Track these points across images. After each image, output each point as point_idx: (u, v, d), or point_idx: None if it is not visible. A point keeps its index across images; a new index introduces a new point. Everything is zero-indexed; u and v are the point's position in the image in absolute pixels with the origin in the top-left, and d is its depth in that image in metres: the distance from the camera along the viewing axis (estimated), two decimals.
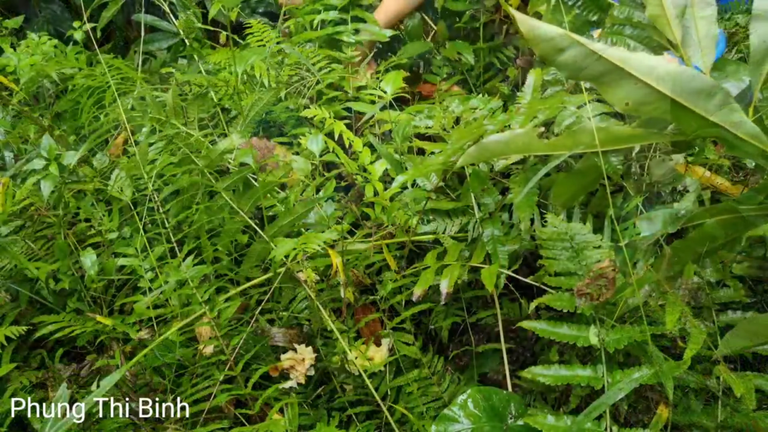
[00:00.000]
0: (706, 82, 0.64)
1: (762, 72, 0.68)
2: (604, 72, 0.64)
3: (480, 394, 0.95)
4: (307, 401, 1.27)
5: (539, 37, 0.63)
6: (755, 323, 0.93)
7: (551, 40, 0.63)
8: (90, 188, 1.47)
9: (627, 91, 0.65)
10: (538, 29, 0.62)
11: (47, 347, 1.37)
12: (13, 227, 1.51)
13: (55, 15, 2.76)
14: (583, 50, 0.63)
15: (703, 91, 0.64)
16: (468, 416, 0.93)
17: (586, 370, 0.94)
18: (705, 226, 0.83)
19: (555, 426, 0.87)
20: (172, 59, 2.23)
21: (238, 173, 1.41)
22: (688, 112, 0.65)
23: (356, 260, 1.39)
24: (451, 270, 1.19)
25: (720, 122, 0.65)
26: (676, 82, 0.64)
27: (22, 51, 1.78)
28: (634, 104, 0.66)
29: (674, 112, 0.66)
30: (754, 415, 0.93)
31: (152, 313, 1.26)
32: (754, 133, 0.65)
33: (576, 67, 0.64)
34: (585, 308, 1.02)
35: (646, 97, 0.65)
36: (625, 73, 0.64)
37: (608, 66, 0.64)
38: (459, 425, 0.92)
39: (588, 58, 0.63)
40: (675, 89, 0.64)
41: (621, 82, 0.65)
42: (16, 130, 1.74)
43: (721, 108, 0.64)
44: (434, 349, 1.37)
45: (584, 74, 0.65)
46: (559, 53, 0.63)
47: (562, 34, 0.62)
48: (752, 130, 0.65)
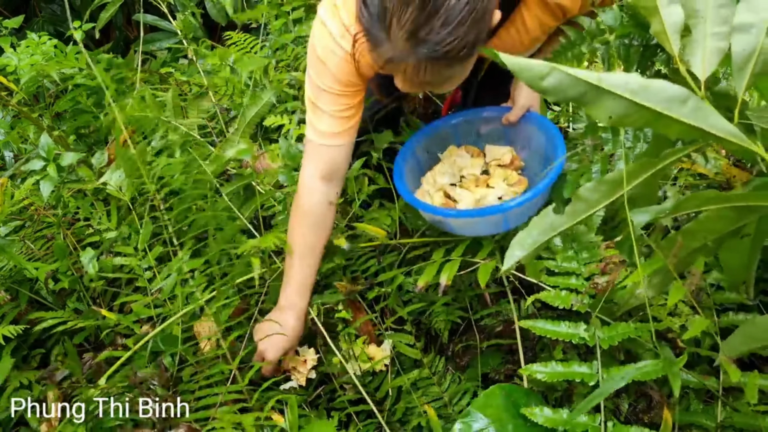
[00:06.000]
0: (676, 89, 0.71)
1: (744, 76, 0.75)
2: (584, 92, 0.71)
3: (501, 391, 0.97)
4: (307, 401, 1.27)
5: (521, 68, 0.71)
6: (755, 326, 0.94)
7: (531, 69, 0.71)
8: (89, 188, 1.46)
9: (607, 106, 0.72)
10: (521, 62, 0.71)
11: (46, 347, 1.37)
12: (13, 227, 1.51)
13: (55, 15, 2.76)
14: (561, 75, 0.71)
15: (676, 98, 0.71)
16: (489, 413, 0.94)
17: (582, 367, 0.95)
18: (708, 213, 0.85)
19: (552, 419, 0.90)
20: (172, 59, 2.23)
21: (242, 179, 1.42)
22: (667, 118, 0.72)
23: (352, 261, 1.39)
24: (450, 265, 1.19)
25: (698, 125, 0.72)
26: (650, 92, 0.71)
27: (22, 51, 1.78)
28: (617, 117, 0.73)
29: (656, 121, 0.72)
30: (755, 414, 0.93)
31: (152, 312, 1.26)
32: (732, 133, 0.72)
33: (559, 90, 0.72)
34: (580, 306, 1.03)
35: (625, 109, 0.72)
36: (603, 91, 0.71)
37: (586, 87, 0.71)
38: (482, 422, 0.93)
39: (567, 81, 0.71)
40: (650, 99, 0.71)
41: (601, 99, 0.72)
42: (15, 130, 1.74)
43: (696, 112, 0.71)
44: (435, 349, 1.38)
45: (567, 96, 0.72)
46: (541, 80, 0.71)
47: (540, 63, 0.70)
48: (731, 129, 0.72)
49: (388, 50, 0.88)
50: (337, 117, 1.15)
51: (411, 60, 0.88)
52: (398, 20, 0.84)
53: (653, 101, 0.71)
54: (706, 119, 0.71)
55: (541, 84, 0.71)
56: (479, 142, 1.42)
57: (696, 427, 1.01)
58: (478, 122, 1.40)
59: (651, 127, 0.74)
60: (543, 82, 0.71)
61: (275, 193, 1.45)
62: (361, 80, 1.13)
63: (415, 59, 0.88)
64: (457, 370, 1.33)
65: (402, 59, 0.88)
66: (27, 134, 1.75)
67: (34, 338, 1.36)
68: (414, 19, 0.83)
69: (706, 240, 0.89)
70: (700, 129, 0.72)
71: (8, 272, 1.40)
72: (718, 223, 0.86)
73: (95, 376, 1.18)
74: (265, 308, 1.32)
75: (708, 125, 0.71)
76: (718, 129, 0.72)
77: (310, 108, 1.18)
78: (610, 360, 1.03)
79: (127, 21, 2.96)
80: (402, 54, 0.87)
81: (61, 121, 1.85)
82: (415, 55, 0.87)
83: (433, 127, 1.39)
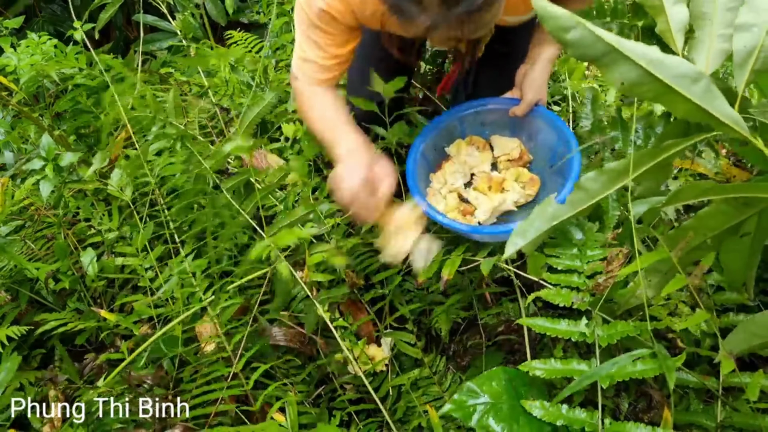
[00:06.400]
0: (690, 68, 0.73)
1: (745, 72, 0.77)
2: (604, 53, 0.73)
3: (504, 374, 0.97)
4: (309, 400, 1.27)
5: (549, 15, 0.72)
6: (755, 323, 0.94)
7: (558, 18, 0.72)
8: (90, 188, 1.47)
9: (622, 71, 0.74)
10: (549, 7, 0.72)
11: (47, 347, 1.37)
12: (13, 227, 1.51)
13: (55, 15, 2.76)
14: (585, 31, 0.72)
15: (688, 76, 0.73)
16: (488, 392, 0.94)
17: (581, 365, 0.95)
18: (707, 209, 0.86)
19: (549, 412, 0.90)
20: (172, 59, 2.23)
21: (241, 174, 1.42)
22: (677, 95, 0.73)
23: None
24: (451, 262, 1.18)
25: (705, 106, 0.73)
26: (664, 66, 0.73)
27: (22, 51, 1.78)
28: (629, 85, 0.74)
29: (665, 95, 0.74)
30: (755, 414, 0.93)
31: (153, 312, 1.26)
32: (734, 119, 0.74)
33: (580, 45, 0.73)
34: (580, 304, 1.03)
35: (639, 78, 0.73)
36: (621, 55, 0.73)
37: (607, 47, 0.73)
38: (480, 398, 0.93)
39: (589, 38, 0.73)
40: (664, 72, 0.73)
41: (617, 63, 0.73)
42: (16, 130, 1.74)
43: (705, 93, 0.73)
44: (437, 349, 1.38)
45: (588, 54, 0.73)
46: (565, 32, 0.73)
47: (567, 14, 0.72)
48: (733, 116, 0.74)
49: (425, 20, 0.87)
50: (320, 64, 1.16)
51: (450, 21, 0.86)
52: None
53: (666, 74, 0.73)
54: (713, 102, 0.73)
55: (565, 36, 0.73)
56: (484, 131, 1.42)
57: (696, 426, 1.01)
58: (484, 113, 1.40)
59: (659, 101, 0.75)
60: (567, 35, 0.72)
61: (276, 192, 1.45)
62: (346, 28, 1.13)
63: (455, 17, 0.86)
64: (458, 369, 1.33)
65: (440, 23, 0.87)
66: (27, 134, 1.75)
67: (34, 338, 1.36)
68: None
69: (706, 237, 0.89)
70: (705, 111, 0.73)
71: (9, 272, 1.40)
72: (717, 219, 0.87)
73: (96, 377, 1.19)
74: (266, 309, 1.32)
75: (713, 108, 0.73)
76: (722, 114, 0.73)
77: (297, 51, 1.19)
78: (610, 358, 1.03)
79: (127, 21, 2.96)
80: (439, 18, 0.86)
81: (61, 121, 1.85)
82: (453, 15, 0.85)
83: (439, 120, 1.40)
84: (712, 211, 0.86)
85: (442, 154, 1.40)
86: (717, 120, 0.74)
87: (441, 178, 1.35)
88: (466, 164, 1.36)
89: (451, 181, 1.34)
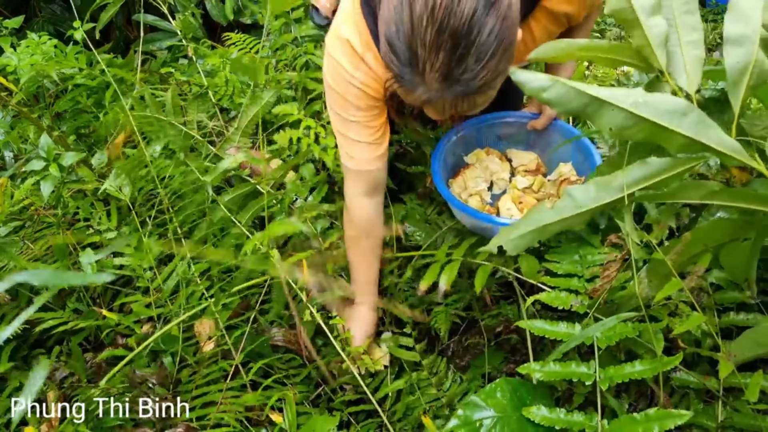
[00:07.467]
0: (678, 102, 0.72)
1: (740, 91, 0.74)
2: (586, 104, 0.73)
3: (508, 385, 0.97)
4: (308, 400, 1.27)
5: (525, 80, 0.75)
6: (761, 333, 0.94)
7: (533, 81, 0.74)
8: (89, 188, 1.46)
9: (608, 118, 0.73)
10: (523, 74, 0.75)
11: (46, 347, 1.37)
12: (13, 227, 1.51)
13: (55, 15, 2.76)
14: (563, 87, 0.73)
15: (677, 111, 0.71)
16: (494, 405, 0.94)
17: (580, 367, 0.95)
18: (708, 223, 0.87)
19: (548, 418, 0.90)
20: (172, 59, 2.23)
21: (240, 188, 1.43)
22: (669, 132, 0.72)
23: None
24: (450, 268, 1.19)
25: (699, 139, 0.72)
26: (649, 105, 0.72)
27: (22, 51, 1.78)
28: (617, 129, 0.74)
29: (656, 133, 0.73)
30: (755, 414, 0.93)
31: (153, 312, 1.26)
32: (732, 147, 0.72)
33: (561, 102, 0.74)
34: (579, 307, 1.03)
35: (625, 121, 0.73)
36: (604, 103, 0.73)
37: (587, 98, 0.73)
38: (485, 412, 0.92)
39: (568, 93, 0.73)
40: (650, 112, 0.72)
41: (601, 111, 0.73)
42: (15, 131, 1.74)
43: (697, 125, 0.71)
44: (437, 350, 1.37)
45: (571, 108, 0.74)
46: (544, 91, 0.74)
47: (542, 76, 0.74)
48: (731, 144, 0.72)
49: (424, 93, 0.88)
50: (369, 144, 1.19)
51: (447, 97, 0.88)
52: (431, 65, 0.83)
53: (653, 114, 0.72)
54: (707, 132, 0.72)
55: (544, 96, 0.74)
56: (499, 144, 1.48)
57: (696, 427, 1.00)
58: (500, 126, 1.46)
59: (652, 139, 0.74)
60: (545, 94, 0.74)
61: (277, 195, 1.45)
62: (382, 101, 1.16)
63: (452, 96, 0.88)
64: (458, 370, 1.33)
65: (437, 98, 0.89)
66: (27, 134, 1.74)
67: (34, 338, 1.36)
68: (447, 62, 0.83)
69: (707, 247, 0.89)
70: (700, 142, 0.72)
71: (8, 272, 1.39)
72: (719, 232, 0.86)
73: (95, 376, 1.18)
74: (265, 308, 1.32)
75: (708, 139, 0.72)
76: (719, 143, 0.72)
77: (341, 139, 1.21)
78: (610, 360, 1.03)
79: (127, 21, 2.96)
80: (437, 94, 0.88)
81: (61, 121, 1.85)
82: (451, 92, 0.87)
83: (459, 129, 1.43)
84: (713, 224, 0.85)
85: (460, 162, 1.45)
86: (714, 150, 0.72)
87: (461, 182, 1.41)
88: (488, 170, 1.41)
89: (473, 185, 1.39)
